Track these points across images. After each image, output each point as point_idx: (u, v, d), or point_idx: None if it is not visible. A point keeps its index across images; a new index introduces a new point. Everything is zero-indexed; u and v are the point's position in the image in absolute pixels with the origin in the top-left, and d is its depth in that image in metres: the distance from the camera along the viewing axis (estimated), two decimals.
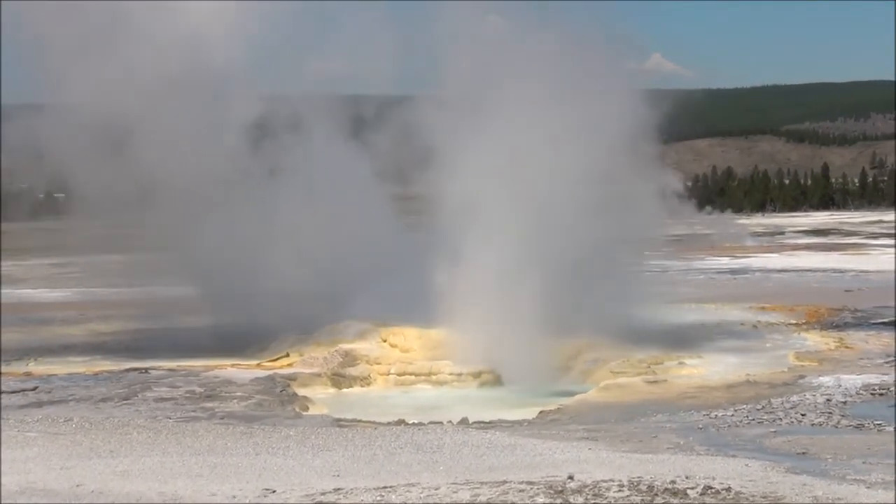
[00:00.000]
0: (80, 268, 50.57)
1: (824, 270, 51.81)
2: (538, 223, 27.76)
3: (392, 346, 28.26)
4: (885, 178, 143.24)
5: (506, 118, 28.62)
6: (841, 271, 50.98)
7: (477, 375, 25.96)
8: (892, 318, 32.67)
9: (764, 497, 11.77)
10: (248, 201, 32.80)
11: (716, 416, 19.54)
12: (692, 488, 12.03)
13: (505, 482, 12.52)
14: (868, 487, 12.65)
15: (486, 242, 27.76)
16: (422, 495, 11.97)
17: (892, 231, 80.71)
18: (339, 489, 12.39)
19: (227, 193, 32.54)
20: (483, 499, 11.73)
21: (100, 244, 37.24)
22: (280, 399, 22.76)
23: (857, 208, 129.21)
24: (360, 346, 27.66)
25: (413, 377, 26.23)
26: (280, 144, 34.23)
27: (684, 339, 29.64)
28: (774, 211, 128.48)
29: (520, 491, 12.02)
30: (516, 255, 27.56)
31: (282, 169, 34.33)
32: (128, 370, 26.34)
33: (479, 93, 29.74)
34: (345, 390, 25.84)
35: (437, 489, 12.25)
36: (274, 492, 12.32)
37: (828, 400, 20.80)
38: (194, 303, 33.95)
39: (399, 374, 26.34)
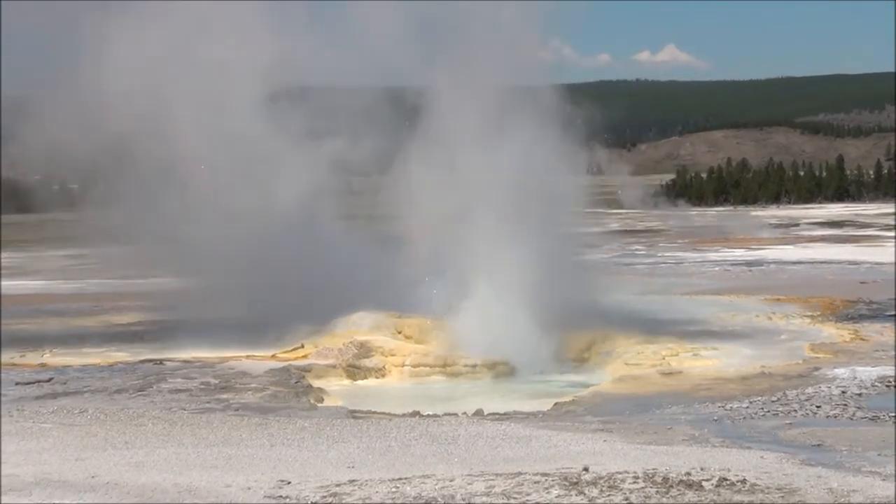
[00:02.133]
0: (94, 259, 50.59)
1: (839, 262, 51.59)
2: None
3: (407, 337, 28.28)
4: None
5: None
6: (856, 263, 50.72)
7: (492, 367, 25.90)
8: None
9: (779, 489, 11.74)
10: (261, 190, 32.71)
11: (731, 407, 19.52)
12: (707, 480, 12.00)
13: (520, 474, 12.52)
14: (883, 479, 12.62)
15: (499, 235, 27.78)
16: (436, 487, 11.96)
17: None
18: (353, 481, 12.40)
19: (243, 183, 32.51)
20: (498, 490, 11.72)
21: (113, 235, 37.20)
22: (295, 390, 22.76)
23: (872, 200, 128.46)
24: (374, 338, 27.62)
25: (428, 369, 26.18)
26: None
27: (699, 331, 29.66)
28: (789, 203, 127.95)
29: (535, 482, 12.01)
30: (527, 247, 27.58)
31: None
32: (142, 362, 26.33)
33: None
34: (359, 382, 25.79)
35: (451, 481, 12.24)
36: (289, 483, 12.34)
37: (843, 392, 20.76)
38: (209, 294, 33.91)
39: (414, 366, 26.29)
